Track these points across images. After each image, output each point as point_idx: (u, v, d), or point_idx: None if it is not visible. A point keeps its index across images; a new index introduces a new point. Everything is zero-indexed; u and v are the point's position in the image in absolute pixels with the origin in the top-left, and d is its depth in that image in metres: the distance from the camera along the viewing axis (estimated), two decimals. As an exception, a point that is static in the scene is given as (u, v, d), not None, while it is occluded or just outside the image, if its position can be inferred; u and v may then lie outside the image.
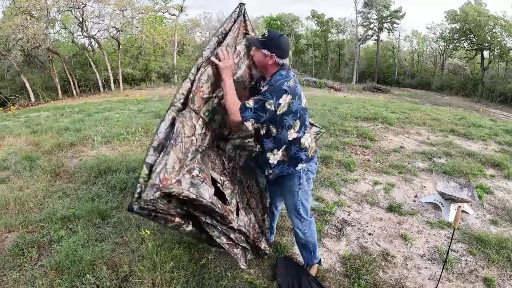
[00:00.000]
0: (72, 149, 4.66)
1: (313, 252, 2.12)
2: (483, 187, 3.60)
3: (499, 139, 5.78)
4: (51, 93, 18.61)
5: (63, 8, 17.92)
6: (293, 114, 1.74)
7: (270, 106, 1.66)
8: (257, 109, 1.66)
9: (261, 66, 1.82)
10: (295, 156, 1.85)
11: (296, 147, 1.84)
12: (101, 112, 8.19)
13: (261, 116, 1.67)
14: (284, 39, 1.76)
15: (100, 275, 2.00)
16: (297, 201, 1.94)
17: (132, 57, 23.94)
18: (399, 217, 2.98)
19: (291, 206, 1.99)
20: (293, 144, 1.83)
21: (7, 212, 2.82)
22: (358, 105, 9.29)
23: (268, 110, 1.66)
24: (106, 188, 3.26)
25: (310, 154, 1.90)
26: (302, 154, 1.86)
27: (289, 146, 1.83)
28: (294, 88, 1.72)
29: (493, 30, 25.75)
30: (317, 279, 2.10)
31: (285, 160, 1.86)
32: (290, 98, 1.70)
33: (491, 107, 21.55)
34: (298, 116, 1.77)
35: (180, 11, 24.03)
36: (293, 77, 1.77)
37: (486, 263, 2.35)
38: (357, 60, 32.20)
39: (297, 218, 2.00)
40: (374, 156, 4.62)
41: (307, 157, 1.88)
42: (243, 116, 1.65)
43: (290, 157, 1.85)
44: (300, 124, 1.80)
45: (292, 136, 1.80)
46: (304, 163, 1.88)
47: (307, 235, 2.04)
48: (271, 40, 1.73)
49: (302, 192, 1.93)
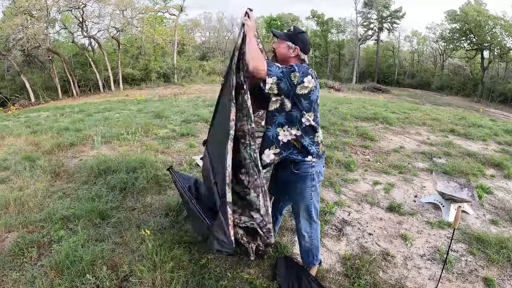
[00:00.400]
0: (72, 149, 4.65)
1: (316, 255, 2.11)
2: (483, 187, 3.60)
3: (499, 139, 5.78)
4: (51, 93, 18.60)
5: (63, 8, 17.90)
6: (309, 102, 1.75)
7: (295, 79, 1.67)
8: (284, 71, 1.67)
9: (283, 58, 1.84)
10: (307, 148, 1.81)
11: (310, 138, 1.81)
12: (101, 112, 8.19)
13: (284, 81, 1.67)
14: (305, 35, 1.85)
15: (100, 275, 2.00)
16: (310, 203, 1.92)
17: (132, 57, 23.92)
18: (399, 217, 2.98)
19: (303, 209, 1.95)
20: (308, 133, 1.80)
21: (7, 212, 2.82)
22: (358, 105, 9.29)
23: (291, 81, 1.67)
24: (106, 188, 3.26)
25: (321, 151, 1.88)
26: (314, 148, 1.83)
27: (304, 133, 1.79)
28: (316, 79, 1.77)
29: (493, 30, 25.73)
30: (317, 279, 2.10)
31: (296, 146, 1.81)
32: (314, 85, 1.73)
33: (491, 107, 21.54)
34: (312, 107, 1.77)
35: (180, 11, 24.02)
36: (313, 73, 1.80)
37: (486, 263, 2.35)
38: (357, 60, 32.18)
39: (307, 221, 1.97)
40: (374, 156, 4.62)
41: (317, 153, 1.85)
42: (269, 70, 1.65)
43: (302, 147, 1.81)
44: (314, 116, 1.80)
45: (308, 121, 1.78)
46: (314, 158, 1.84)
47: (313, 238, 2.02)
48: (296, 34, 1.81)
49: (314, 194, 1.91)
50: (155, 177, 3.48)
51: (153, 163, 3.84)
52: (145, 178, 3.43)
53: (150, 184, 3.38)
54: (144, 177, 3.44)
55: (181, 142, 5.12)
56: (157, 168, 3.72)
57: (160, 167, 3.81)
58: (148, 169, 3.63)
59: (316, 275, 2.15)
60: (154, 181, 3.44)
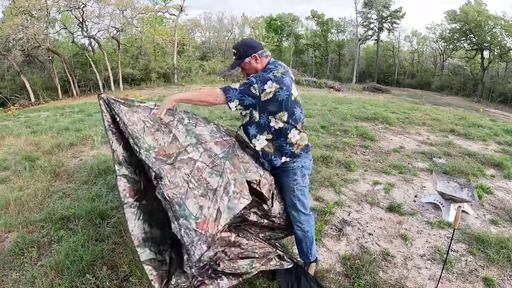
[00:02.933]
0: (72, 149, 4.66)
1: (310, 249, 2.12)
2: (483, 187, 3.60)
3: (499, 139, 5.78)
4: (51, 93, 18.59)
5: (63, 8, 17.89)
6: (278, 103, 1.76)
7: (255, 91, 1.71)
8: (242, 90, 1.71)
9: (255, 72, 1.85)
10: (280, 149, 1.87)
11: (281, 140, 1.85)
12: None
13: (246, 98, 1.71)
14: (248, 39, 1.89)
15: (100, 275, 2.00)
16: (294, 196, 1.97)
17: (132, 57, 23.92)
18: (399, 217, 2.98)
19: (288, 201, 2.01)
20: (279, 136, 1.84)
21: (7, 212, 2.82)
22: (358, 105, 9.29)
23: (252, 94, 1.71)
24: (106, 188, 3.26)
25: (297, 151, 1.90)
26: (287, 149, 1.87)
27: (275, 136, 1.85)
28: (281, 78, 1.75)
29: (493, 30, 25.72)
30: (316, 279, 2.10)
31: (270, 151, 1.87)
32: (277, 87, 1.72)
33: (491, 107, 21.54)
34: (284, 107, 1.78)
35: (180, 11, 24.00)
36: (282, 69, 1.81)
37: (486, 263, 2.35)
38: (357, 60, 32.17)
39: (295, 212, 2.02)
40: (374, 156, 4.62)
41: (292, 153, 1.89)
42: (228, 97, 1.70)
43: (276, 148, 1.87)
44: (287, 115, 1.81)
45: (277, 125, 1.81)
46: (288, 158, 1.89)
47: (305, 229, 2.05)
48: (238, 49, 1.83)
49: (298, 187, 1.95)
50: (155, 177, 3.48)
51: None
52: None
53: (150, 184, 3.38)
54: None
55: (181, 142, 5.11)
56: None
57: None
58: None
59: (316, 275, 2.15)
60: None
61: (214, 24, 35.50)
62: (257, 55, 1.82)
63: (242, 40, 1.91)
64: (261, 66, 1.84)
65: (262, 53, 1.84)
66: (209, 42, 35.90)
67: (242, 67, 1.88)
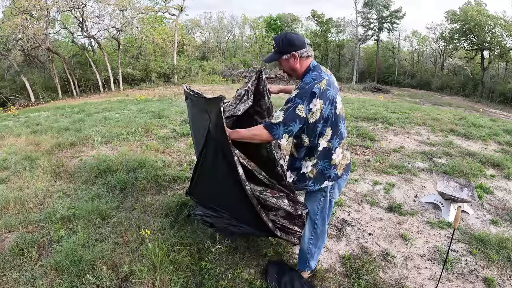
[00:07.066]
0: (72, 149, 4.65)
1: (308, 261, 2.05)
2: (483, 187, 3.60)
3: (499, 139, 5.77)
4: (51, 93, 18.60)
5: (63, 8, 17.89)
6: (324, 120, 1.62)
7: (301, 113, 1.55)
8: (286, 120, 1.55)
9: (292, 71, 1.73)
10: (323, 173, 1.73)
11: (325, 162, 1.71)
12: (101, 112, 8.18)
13: (294, 127, 1.57)
14: (290, 34, 1.68)
15: (100, 275, 2.00)
16: (316, 209, 1.88)
17: (132, 57, 23.95)
18: (399, 217, 2.98)
19: (310, 210, 1.93)
20: (323, 157, 1.70)
21: (7, 212, 2.82)
22: (358, 105, 9.28)
23: (299, 117, 1.56)
24: (106, 188, 3.26)
25: (340, 172, 1.77)
26: (331, 172, 1.73)
27: (318, 159, 1.70)
28: (325, 91, 1.61)
29: (493, 30, 25.71)
30: (310, 282, 2.08)
31: (311, 176, 1.75)
32: (321, 103, 1.58)
33: (491, 107, 21.52)
34: (328, 124, 1.65)
35: (180, 11, 24.02)
36: (326, 77, 1.65)
37: (486, 263, 2.35)
38: (357, 60, 32.18)
39: (310, 224, 1.95)
40: (374, 156, 4.62)
41: (336, 175, 1.75)
42: (275, 135, 1.57)
43: (317, 172, 1.73)
44: (332, 132, 1.67)
45: (322, 145, 1.67)
46: (331, 181, 1.76)
47: (311, 241, 1.98)
48: (279, 43, 1.67)
49: (323, 201, 1.86)
50: (155, 177, 3.49)
51: (153, 163, 3.84)
52: (145, 178, 3.43)
53: (150, 184, 3.38)
54: (144, 177, 3.44)
55: (181, 142, 5.12)
56: (157, 168, 3.72)
57: (160, 167, 3.81)
58: (148, 169, 3.63)
59: (316, 275, 2.15)
60: (154, 181, 3.44)
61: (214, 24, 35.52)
62: (297, 54, 1.66)
63: (284, 33, 1.70)
64: (300, 68, 1.69)
65: (303, 53, 1.66)
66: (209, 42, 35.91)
67: (279, 62, 1.73)
